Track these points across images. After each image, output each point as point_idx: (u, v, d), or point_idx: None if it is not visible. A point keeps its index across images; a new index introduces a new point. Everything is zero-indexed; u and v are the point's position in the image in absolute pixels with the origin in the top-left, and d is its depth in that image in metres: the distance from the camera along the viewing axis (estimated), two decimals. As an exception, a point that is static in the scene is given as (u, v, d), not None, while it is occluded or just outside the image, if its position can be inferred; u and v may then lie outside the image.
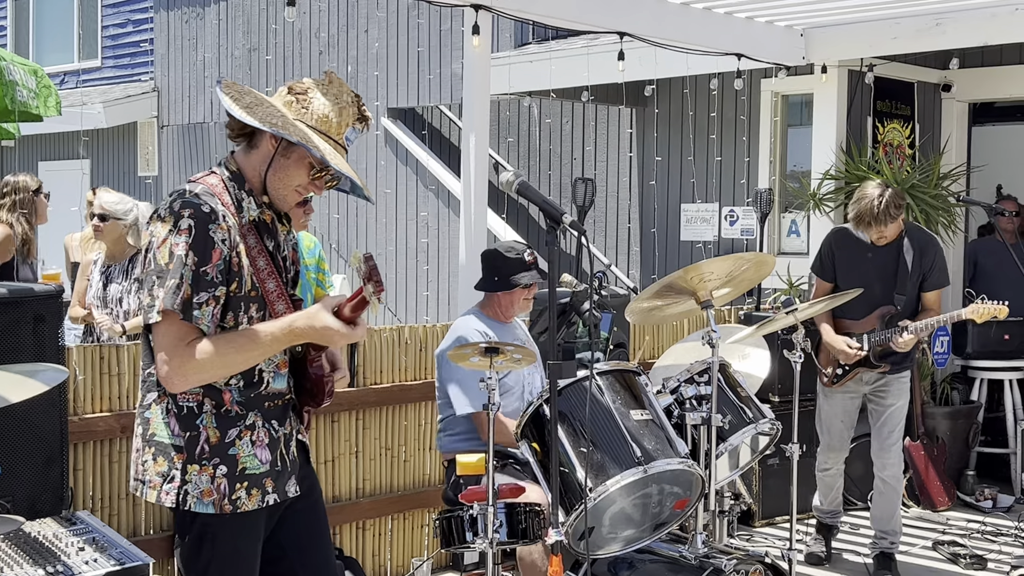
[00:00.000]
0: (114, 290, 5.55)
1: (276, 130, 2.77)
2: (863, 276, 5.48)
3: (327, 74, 2.93)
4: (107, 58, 14.75)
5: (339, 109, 2.87)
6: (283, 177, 2.87)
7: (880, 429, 5.61)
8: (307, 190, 2.91)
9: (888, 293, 5.49)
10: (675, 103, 9.21)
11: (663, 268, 9.23)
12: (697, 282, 4.20)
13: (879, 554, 5.65)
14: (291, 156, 2.85)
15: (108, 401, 4.47)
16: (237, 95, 2.83)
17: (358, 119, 2.91)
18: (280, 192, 2.90)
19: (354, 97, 2.91)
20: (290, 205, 2.94)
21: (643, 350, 6.52)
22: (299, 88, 2.89)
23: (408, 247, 10.51)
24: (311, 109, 2.85)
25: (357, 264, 2.66)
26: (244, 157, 2.90)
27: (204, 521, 2.83)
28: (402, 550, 5.54)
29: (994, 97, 8.50)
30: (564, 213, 3.15)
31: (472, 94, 5.72)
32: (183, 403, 2.81)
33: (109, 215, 5.54)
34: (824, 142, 7.70)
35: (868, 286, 5.39)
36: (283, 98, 2.89)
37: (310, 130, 2.83)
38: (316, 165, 2.86)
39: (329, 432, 5.24)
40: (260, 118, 2.78)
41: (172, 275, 2.70)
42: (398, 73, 10.98)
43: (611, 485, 3.68)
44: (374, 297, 2.66)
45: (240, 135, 2.90)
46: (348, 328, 2.75)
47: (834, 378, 5.65)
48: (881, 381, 5.60)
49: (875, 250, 5.51)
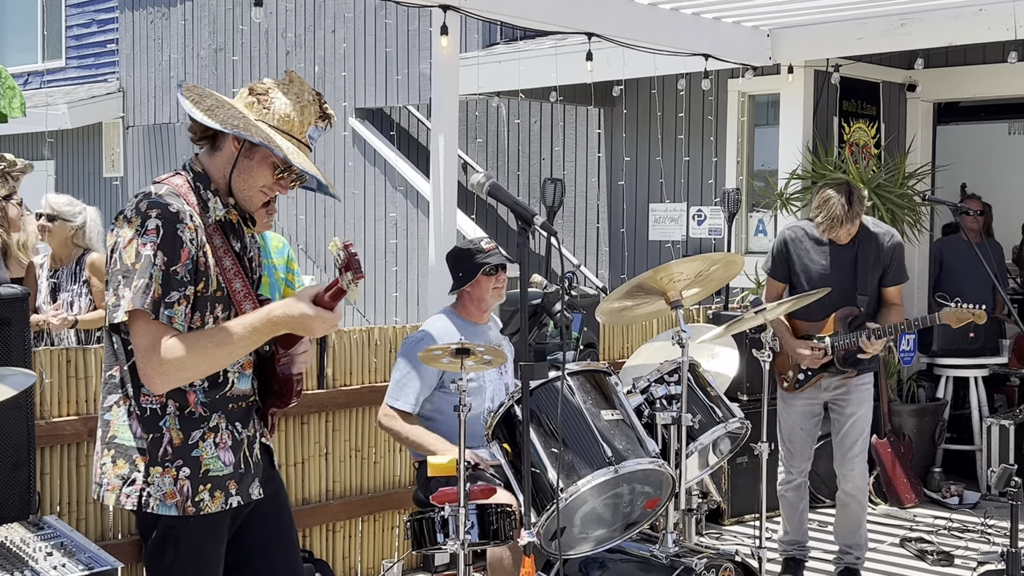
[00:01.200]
0: (64, 296, 5.53)
1: (238, 132, 2.77)
2: (821, 276, 5.24)
3: (288, 73, 2.93)
4: (71, 58, 14.62)
5: (300, 108, 2.87)
6: (247, 178, 2.87)
7: (842, 440, 5.35)
8: (272, 190, 2.91)
9: (848, 293, 5.24)
10: (643, 103, 9.24)
11: (632, 268, 9.26)
12: (667, 282, 4.22)
13: (843, 570, 5.44)
14: (254, 157, 2.85)
15: (75, 404, 4.43)
16: (198, 98, 2.83)
17: (320, 117, 2.91)
18: (245, 193, 2.89)
19: (315, 95, 2.91)
20: (256, 206, 2.94)
21: (613, 350, 6.53)
22: (260, 88, 2.89)
23: (377, 248, 10.48)
24: (272, 109, 2.85)
25: (336, 252, 2.65)
26: (208, 159, 2.90)
27: (167, 523, 2.82)
28: (372, 552, 5.53)
29: (958, 97, 8.59)
30: (535, 215, 3.15)
31: (441, 94, 5.72)
32: (146, 405, 2.80)
33: (57, 216, 5.53)
34: (791, 142, 7.75)
35: (826, 286, 5.07)
36: (244, 99, 2.89)
37: (272, 130, 2.83)
38: (280, 165, 2.86)
39: (298, 434, 5.21)
40: (221, 120, 2.78)
41: (140, 275, 2.69)
42: (366, 73, 10.95)
43: (582, 485, 3.68)
44: (352, 285, 2.65)
45: (203, 138, 2.89)
46: (327, 313, 2.74)
47: (795, 383, 5.37)
48: (842, 389, 5.34)
49: (833, 248, 5.26)
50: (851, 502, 5.38)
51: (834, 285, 5.14)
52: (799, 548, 5.53)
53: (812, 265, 5.30)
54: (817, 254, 5.31)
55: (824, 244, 5.30)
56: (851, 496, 5.37)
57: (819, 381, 5.33)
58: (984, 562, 5.60)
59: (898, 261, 5.30)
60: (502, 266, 4.50)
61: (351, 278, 2.64)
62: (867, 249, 5.25)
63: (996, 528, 6.38)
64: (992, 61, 7.74)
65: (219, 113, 2.80)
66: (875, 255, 5.25)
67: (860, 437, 5.34)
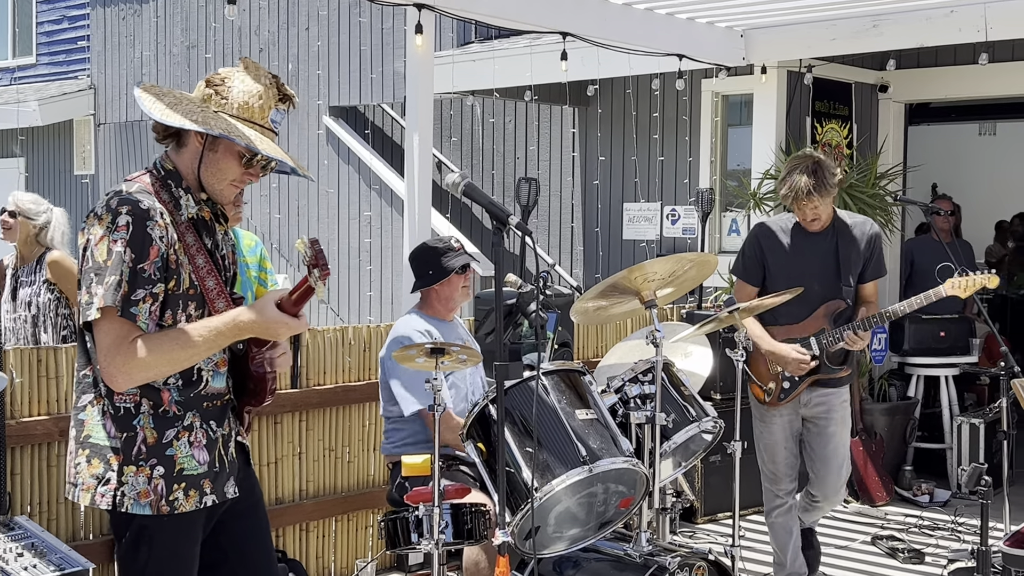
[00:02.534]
0: (23, 294, 5.50)
1: (197, 126, 2.76)
2: (799, 274, 4.82)
3: (243, 60, 2.92)
4: (42, 55, 14.50)
5: (258, 93, 2.86)
6: (216, 172, 2.86)
7: (827, 462, 4.95)
8: (243, 180, 2.90)
9: (829, 287, 4.85)
10: (617, 103, 9.25)
11: (606, 267, 9.28)
12: (641, 282, 4.23)
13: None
14: (218, 149, 2.84)
15: (46, 404, 4.40)
16: (156, 97, 2.82)
17: (280, 99, 2.90)
18: (216, 187, 2.89)
19: (272, 79, 2.90)
20: (228, 198, 2.93)
21: (587, 349, 6.54)
22: (216, 79, 2.88)
23: (351, 247, 10.46)
24: (231, 98, 2.84)
25: (303, 249, 2.65)
26: (176, 156, 2.89)
27: (141, 523, 2.80)
28: (346, 551, 5.51)
29: (930, 98, 8.65)
30: (511, 214, 3.15)
31: (416, 93, 5.71)
32: (120, 404, 2.78)
33: (20, 212, 5.52)
34: (764, 142, 7.78)
35: (805, 284, 4.74)
36: (202, 92, 2.89)
37: (233, 119, 2.82)
38: (245, 154, 2.85)
39: (272, 433, 5.19)
40: (180, 117, 2.77)
41: (111, 272, 2.68)
42: (340, 71, 10.92)
43: (557, 484, 3.69)
44: (320, 283, 2.65)
45: (167, 136, 2.89)
46: (293, 320, 2.74)
47: (780, 394, 4.91)
48: (821, 406, 4.93)
49: (809, 241, 4.86)
50: (825, 506, 5.18)
51: (815, 278, 4.82)
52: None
53: (789, 260, 4.90)
54: (793, 248, 4.91)
55: (799, 236, 4.89)
56: (829, 502, 5.14)
57: (798, 396, 4.93)
58: (954, 560, 5.65)
59: (878, 252, 4.94)
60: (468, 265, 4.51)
61: (318, 275, 2.64)
62: (846, 238, 4.86)
63: (966, 526, 6.43)
64: (963, 62, 7.80)
65: (178, 109, 2.79)
66: (855, 245, 4.87)
67: (845, 454, 5.02)
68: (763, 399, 4.98)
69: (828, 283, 4.86)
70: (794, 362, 4.81)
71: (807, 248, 4.89)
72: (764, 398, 4.97)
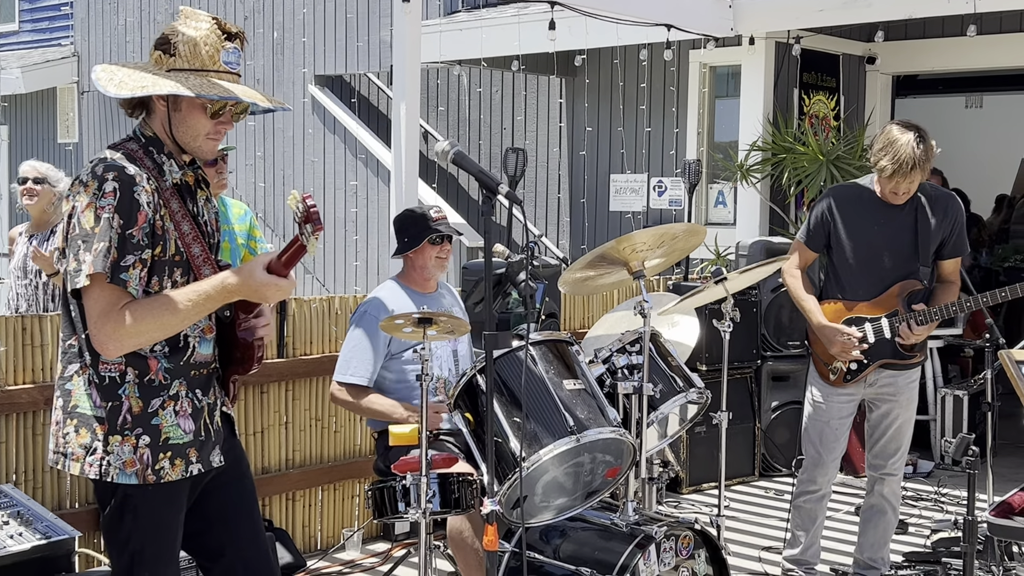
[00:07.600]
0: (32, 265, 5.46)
1: (147, 92, 2.76)
2: (870, 245, 4.48)
3: (182, 10, 2.91)
4: (25, 21, 14.37)
5: (201, 38, 2.83)
6: (187, 129, 2.85)
7: (885, 446, 4.71)
8: (217, 132, 2.87)
9: (903, 265, 4.48)
10: (605, 73, 9.22)
11: (592, 238, 9.27)
12: (629, 252, 4.22)
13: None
14: (181, 107, 2.83)
15: (31, 373, 4.38)
16: (109, 75, 2.82)
17: (226, 38, 2.86)
18: (194, 144, 2.87)
19: (211, 20, 2.87)
20: (209, 152, 2.91)
21: (575, 320, 6.54)
22: (161, 39, 2.87)
23: (337, 217, 10.42)
24: (179, 52, 2.83)
25: (295, 205, 2.63)
26: (152, 124, 2.88)
27: (126, 492, 2.80)
28: (332, 521, 5.52)
29: (917, 70, 8.66)
30: (500, 183, 3.14)
31: (402, 62, 5.67)
32: (105, 373, 2.78)
33: (44, 179, 5.49)
34: (751, 113, 7.78)
35: (875, 257, 4.48)
36: (153, 56, 2.88)
37: (186, 72, 2.79)
38: (209, 105, 2.82)
39: (258, 403, 5.19)
40: (131, 88, 2.77)
41: (100, 238, 2.67)
42: (326, 40, 10.84)
43: (544, 454, 3.69)
44: (312, 238, 2.63)
45: (135, 109, 2.89)
46: (283, 280, 2.74)
47: (846, 375, 4.59)
48: (889, 388, 4.62)
49: (886, 213, 4.46)
50: (886, 507, 4.78)
51: (887, 253, 4.49)
52: (808, 568, 4.87)
53: (861, 231, 4.51)
54: (868, 218, 4.51)
55: (875, 206, 4.49)
56: (886, 500, 4.77)
57: (865, 377, 4.59)
58: (937, 530, 5.69)
59: (960, 229, 4.52)
60: (448, 237, 4.47)
61: (311, 231, 2.63)
62: (926, 214, 4.47)
63: (949, 497, 6.48)
64: (951, 35, 7.79)
65: (129, 82, 2.79)
66: (936, 222, 4.48)
67: (904, 441, 4.74)
68: (828, 377, 4.65)
69: (901, 260, 4.50)
70: (839, 345, 4.49)
71: (884, 220, 4.48)
72: (829, 376, 4.64)
